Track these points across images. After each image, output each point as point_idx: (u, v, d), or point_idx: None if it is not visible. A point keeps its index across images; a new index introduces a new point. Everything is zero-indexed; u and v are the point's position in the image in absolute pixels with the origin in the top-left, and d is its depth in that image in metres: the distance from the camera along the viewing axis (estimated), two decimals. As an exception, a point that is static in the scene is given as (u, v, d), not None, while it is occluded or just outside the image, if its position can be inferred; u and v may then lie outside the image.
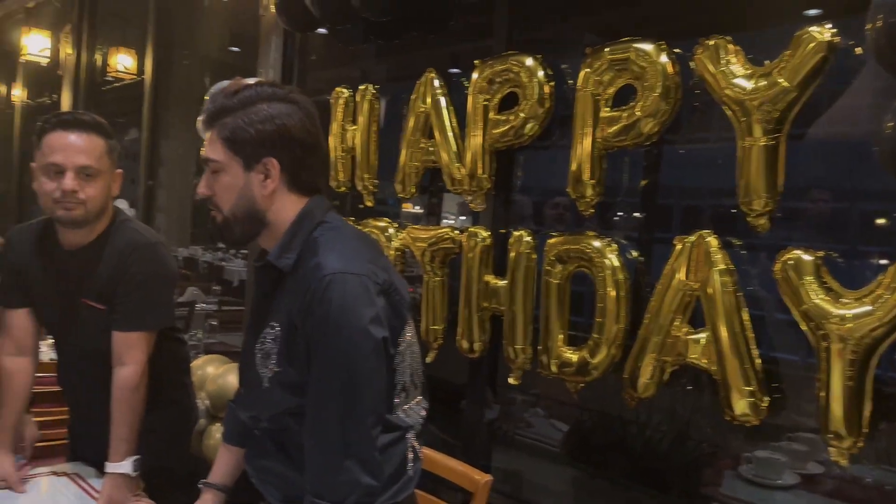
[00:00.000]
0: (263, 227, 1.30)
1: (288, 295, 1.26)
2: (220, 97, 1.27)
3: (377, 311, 1.21)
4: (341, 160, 2.44)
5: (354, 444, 1.20)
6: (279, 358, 1.27)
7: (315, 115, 1.26)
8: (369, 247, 1.34)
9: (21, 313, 1.90)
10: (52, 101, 4.86)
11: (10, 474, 1.84)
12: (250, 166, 1.24)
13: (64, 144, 1.72)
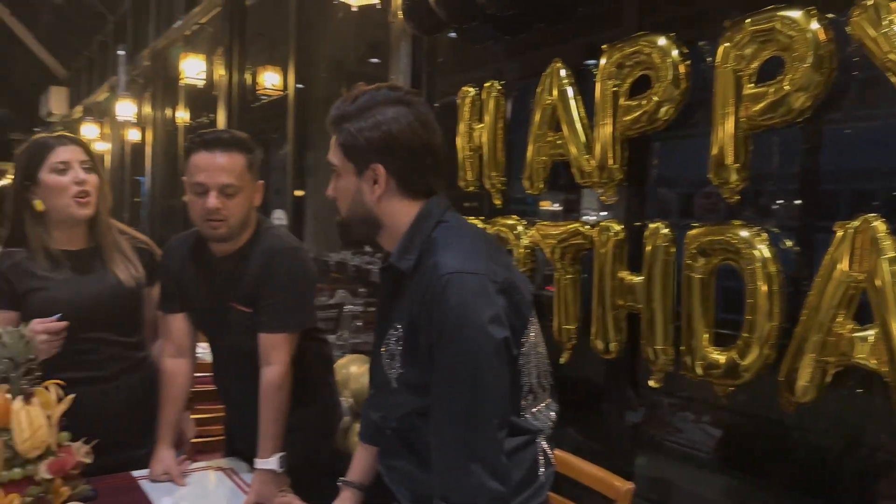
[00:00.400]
0: (380, 230, 1.31)
1: (409, 296, 1.25)
2: (342, 103, 1.30)
3: (497, 311, 1.18)
4: (469, 160, 2.42)
5: (479, 447, 1.17)
6: (403, 359, 1.27)
7: (428, 118, 1.26)
8: (489, 244, 1.31)
9: (179, 318, 2.02)
10: (209, 121, 5.24)
11: (171, 468, 1.96)
12: (361, 172, 1.27)
13: (207, 164, 1.80)
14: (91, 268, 1.97)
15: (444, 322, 1.17)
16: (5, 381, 1.37)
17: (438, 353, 1.19)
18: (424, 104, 1.28)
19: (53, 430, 1.41)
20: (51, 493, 1.38)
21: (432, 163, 1.28)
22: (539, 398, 1.31)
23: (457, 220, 1.31)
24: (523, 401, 1.27)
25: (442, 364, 1.19)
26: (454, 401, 1.18)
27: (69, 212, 1.90)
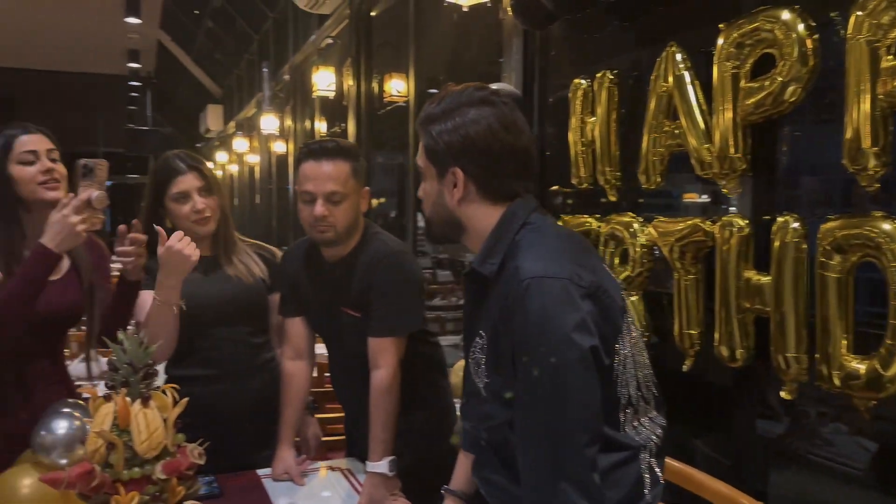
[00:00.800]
0: (463, 233, 1.28)
1: (492, 302, 1.20)
2: (429, 105, 1.28)
3: (582, 317, 1.10)
4: (582, 155, 2.31)
5: (568, 464, 1.09)
6: (487, 368, 1.22)
7: (512, 119, 1.21)
8: (575, 246, 1.24)
9: (297, 321, 2.09)
10: (340, 130, 5.43)
11: (291, 468, 2.02)
12: (441, 175, 1.25)
13: (314, 173, 1.85)
14: (217, 272, 2.08)
15: (525, 330, 1.11)
16: (125, 384, 1.45)
17: (520, 363, 1.12)
18: (510, 104, 1.23)
19: (170, 432, 1.48)
20: (166, 492, 1.45)
21: (515, 166, 1.23)
22: (640, 411, 1.21)
23: (543, 221, 1.24)
24: (621, 414, 1.18)
25: (524, 375, 1.12)
26: (537, 415, 1.11)
27: (192, 232, 2.02)
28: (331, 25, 5.23)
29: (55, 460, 1.61)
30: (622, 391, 1.17)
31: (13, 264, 1.78)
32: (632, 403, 1.19)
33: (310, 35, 5.86)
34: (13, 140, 1.82)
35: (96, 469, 1.40)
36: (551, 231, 1.24)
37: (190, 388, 2.04)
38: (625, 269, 2.10)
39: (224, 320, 2.06)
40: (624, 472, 1.16)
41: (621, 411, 1.18)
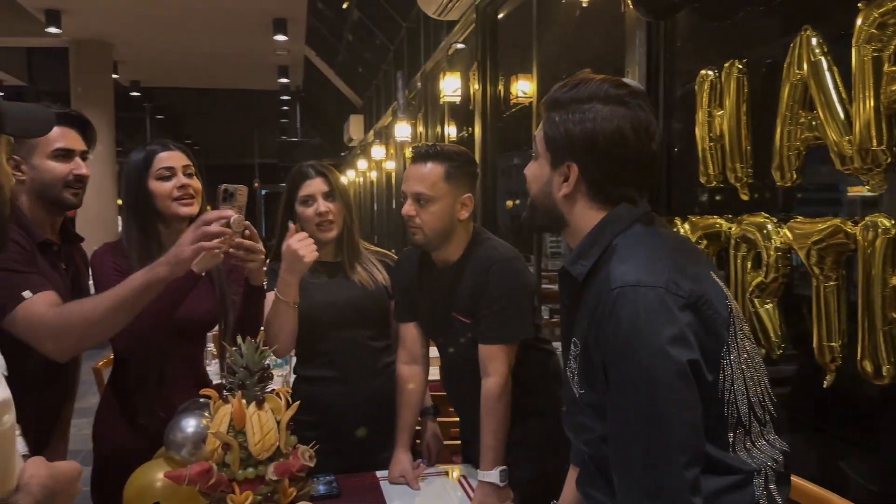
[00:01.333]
0: (563, 226, 1.23)
1: (583, 309, 1.14)
2: (559, 88, 1.22)
3: (680, 329, 1.01)
4: (710, 151, 2.16)
5: (665, 486, 1.01)
6: (580, 379, 1.16)
7: (646, 124, 1.14)
8: (678, 253, 1.14)
9: (411, 326, 2.11)
10: (468, 134, 5.45)
11: (407, 471, 2.04)
12: (555, 165, 1.20)
13: (408, 174, 1.92)
14: (343, 276, 2.15)
15: (616, 343, 1.04)
16: (242, 387, 1.52)
17: (612, 378, 1.05)
18: (646, 108, 1.15)
19: (283, 434, 1.53)
20: (279, 493, 1.50)
21: (637, 173, 1.17)
22: (754, 432, 1.11)
23: (646, 228, 1.16)
24: (730, 434, 1.08)
25: (616, 391, 1.05)
26: (631, 434, 1.04)
27: (315, 237, 2.09)
28: (458, 31, 5.27)
29: (184, 457, 1.71)
30: (730, 409, 1.07)
31: None
32: (742, 423, 1.08)
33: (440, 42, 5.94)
34: (153, 156, 1.92)
35: (214, 468, 1.47)
36: (654, 237, 1.16)
37: (314, 388, 2.14)
38: (757, 275, 1.93)
39: (346, 324, 2.12)
40: (734, 497, 1.06)
41: (730, 431, 1.08)
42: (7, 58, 12.04)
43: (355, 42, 9.36)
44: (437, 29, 6.19)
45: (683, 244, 1.27)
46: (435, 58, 6.08)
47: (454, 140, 5.97)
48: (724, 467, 1.06)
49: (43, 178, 1.80)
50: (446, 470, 2.16)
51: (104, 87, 10.13)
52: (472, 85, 4.75)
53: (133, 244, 1.90)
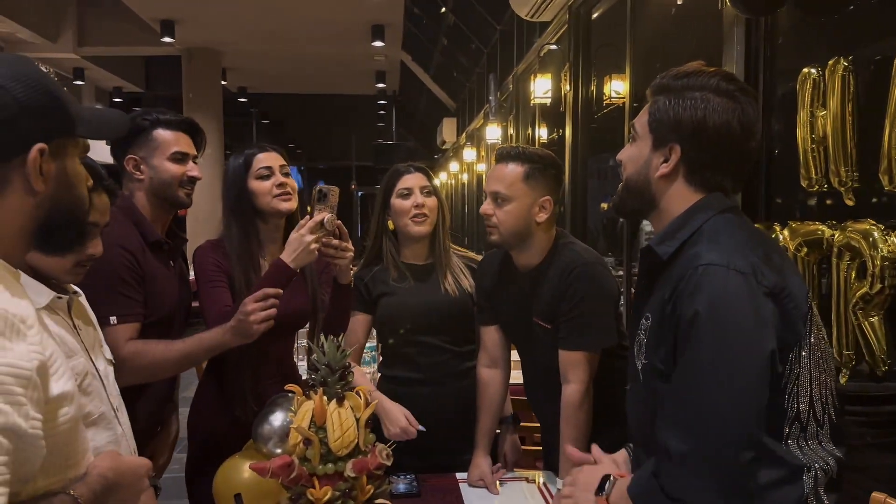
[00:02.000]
0: (653, 210, 1.25)
1: (663, 284, 1.17)
2: (669, 75, 1.25)
3: (764, 316, 1.04)
4: (812, 154, 2.03)
5: (715, 459, 1.03)
6: (647, 349, 1.19)
7: (752, 121, 1.19)
8: (764, 245, 1.17)
9: (492, 329, 2.10)
10: (558, 136, 5.38)
11: (486, 475, 2.04)
12: (657, 146, 1.23)
13: (489, 174, 1.94)
14: (430, 279, 2.16)
15: (697, 317, 1.06)
16: (323, 384, 1.55)
17: (685, 351, 1.08)
18: (753, 106, 1.20)
19: (362, 432, 1.55)
20: (356, 489, 1.52)
21: (736, 167, 1.21)
22: (810, 431, 1.11)
23: (736, 218, 1.19)
24: (786, 427, 1.09)
25: (688, 365, 1.07)
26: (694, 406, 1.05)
27: (408, 230, 2.12)
28: (551, 32, 5.22)
29: (271, 449, 1.77)
30: (791, 403, 1.09)
31: (251, 271, 2.00)
32: (800, 419, 1.10)
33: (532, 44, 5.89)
34: (252, 158, 2.04)
35: (295, 462, 1.51)
36: (741, 226, 1.18)
37: (396, 388, 2.17)
38: (862, 286, 1.81)
39: (430, 329, 2.14)
40: (781, 492, 1.07)
41: (787, 424, 1.09)
42: (126, 66, 12.88)
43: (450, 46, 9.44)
44: (530, 31, 6.15)
45: (766, 236, 1.29)
46: (527, 60, 6.04)
47: (544, 142, 5.90)
48: (776, 459, 1.07)
49: (161, 178, 1.96)
50: (526, 476, 2.13)
51: (213, 92, 10.67)
52: (563, 86, 4.68)
53: (234, 242, 2.01)
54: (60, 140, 1.05)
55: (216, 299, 1.92)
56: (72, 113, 1.06)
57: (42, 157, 1.01)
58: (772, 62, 2.40)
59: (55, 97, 1.04)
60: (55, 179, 1.04)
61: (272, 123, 17.83)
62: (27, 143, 0.99)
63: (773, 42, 2.40)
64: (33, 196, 1.01)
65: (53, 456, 0.99)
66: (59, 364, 1.03)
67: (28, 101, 1.00)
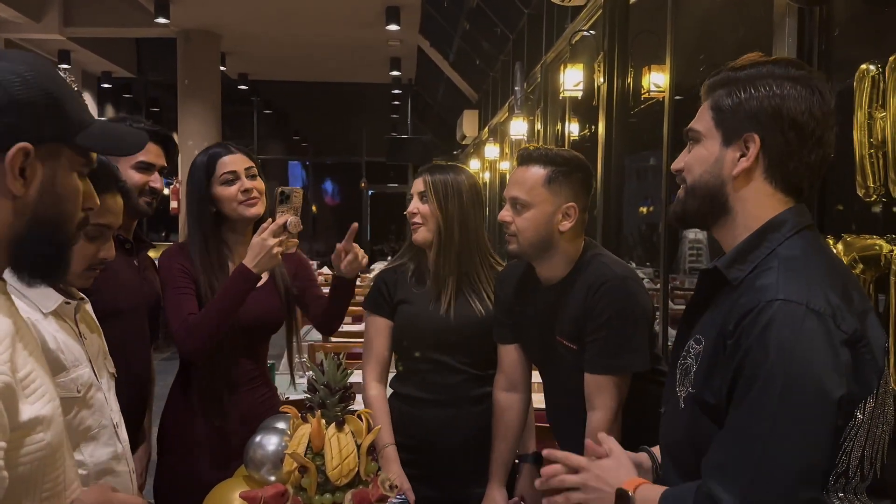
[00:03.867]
0: (722, 216, 1.25)
1: (724, 308, 1.17)
2: (727, 69, 1.27)
3: (837, 364, 1.05)
4: (870, 160, 2.02)
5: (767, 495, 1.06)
6: (696, 378, 1.19)
7: (830, 109, 1.20)
8: (845, 282, 1.17)
9: (511, 349, 2.11)
10: (590, 133, 5.39)
11: (502, 510, 2.05)
12: (730, 141, 1.23)
13: (510, 177, 1.96)
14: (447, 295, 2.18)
15: (761, 363, 1.07)
16: (322, 406, 1.58)
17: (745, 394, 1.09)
18: (830, 92, 1.20)
19: (363, 459, 1.57)
20: (356, 522, 1.54)
21: (817, 159, 1.20)
22: (851, 485, 1.13)
23: (815, 239, 1.21)
24: (831, 479, 1.11)
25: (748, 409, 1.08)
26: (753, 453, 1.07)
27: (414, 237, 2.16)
28: (584, 17, 5.23)
29: (264, 476, 1.80)
30: (843, 458, 1.10)
31: (215, 277, 2.12)
32: (847, 474, 1.11)
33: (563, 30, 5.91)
34: (216, 161, 2.14)
35: (289, 491, 1.54)
36: (822, 254, 1.20)
37: (408, 407, 2.19)
38: (922, 306, 1.80)
39: (446, 348, 2.15)
40: None
41: (832, 477, 1.11)
42: (116, 49, 13.05)
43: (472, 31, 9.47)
44: (561, 15, 6.17)
45: (850, 272, 1.30)
46: (557, 47, 6.05)
47: (576, 139, 5.91)
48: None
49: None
50: (546, 511, 2.14)
51: (211, 79, 10.80)
52: (596, 77, 4.69)
53: (196, 248, 2.13)
54: (53, 146, 1.05)
55: (180, 306, 2.05)
56: (72, 119, 1.06)
57: (26, 159, 1.01)
58: (827, 56, 2.40)
59: (55, 99, 1.05)
60: (40, 188, 1.03)
61: (275, 114, 17.98)
62: (10, 139, 1.00)
63: (829, 34, 2.40)
64: (11, 200, 1.01)
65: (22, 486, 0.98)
66: (39, 384, 1.03)
67: (22, 97, 1.01)
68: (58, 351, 1.46)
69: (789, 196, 1.22)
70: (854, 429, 1.09)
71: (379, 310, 2.19)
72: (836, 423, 1.07)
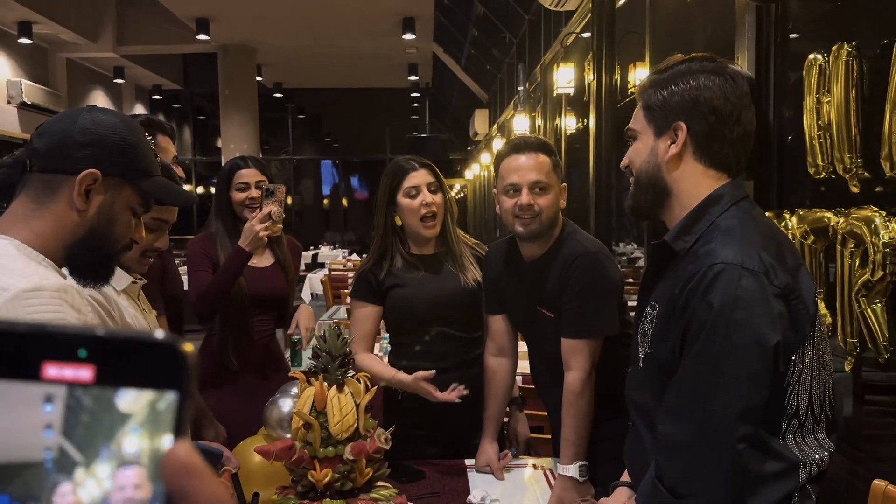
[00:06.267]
0: (666, 198, 1.27)
1: (674, 275, 1.20)
2: (654, 72, 1.30)
3: (771, 315, 1.07)
4: (818, 140, 2.02)
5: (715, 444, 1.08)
6: (652, 339, 1.23)
7: (744, 91, 1.23)
8: (778, 243, 1.19)
9: (499, 319, 2.14)
10: (583, 126, 5.36)
11: (492, 461, 2.08)
12: (661, 132, 1.25)
13: (517, 166, 1.91)
14: (440, 270, 2.21)
15: (707, 314, 1.09)
16: (324, 371, 1.62)
17: (692, 347, 1.11)
18: (742, 77, 1.24)
19: (362, 417, 1.61)
20: (355, 472, 1.58)
21: (739, 136, 1.23)
22: (806, 427, 1.13)
23: (749, 210, 1.22)
24: (784, 422, 1.12)
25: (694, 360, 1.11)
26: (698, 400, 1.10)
27: (419, 231, 2.15)
28: (576, 20, 5.20)
29: (281, 434, 1.85)
30: (790, 401, 1.11)
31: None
32: (798, 416, 1.12)
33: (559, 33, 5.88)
34: (235, 171, 2.49)
35: (296, 445, 1.58)
36: (756, 220, 1.21)
37: (411, 376, 2.22)
38: (864, 272, 1.80)
39: (439, 319, 2.18)
40: (774, 487, 1.10)
41: (785, 420, 1.12)
42: (165, 64, 13.18)
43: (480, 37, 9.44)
44: (556, 20, 6.14)
45: (780, 233, 1.28)
46: (553, 49, 6.02)
47: (572, 132, 5.89)
48: (773, 452, 1.09)
49: None
50: (533, 462, 2.17)
51: (249, 89, 10.87)
52: (586, 75, 4.67)
53: (218, 237, 2.47)
54: (117, 181, 1.20)
55: (198, 279, 2.39)
56: (138, 166, 1.22)
57: (95, 184, 1.16)
58: (783, 49, 2.38)
59: (130, 146, 1.21)
60: (99, 208, 1.19)
61: (308, 118, 18.05)
62: (86, 164, 1.16)
63: (784, 28, 2.38)
64: (76, 212, 1.16)
65: None
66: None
67: (105, 137, 1.18)
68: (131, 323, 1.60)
69: (721, 172, 1.23)
70: (796, 374, 1.11)
71: (368, 298, 2.20)
72: (776, 369, 1.08)
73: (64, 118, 1.21)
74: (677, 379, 1.14)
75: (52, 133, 1.18)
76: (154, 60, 12.53)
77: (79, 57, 10.94)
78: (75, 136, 1.16)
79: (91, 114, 1.20)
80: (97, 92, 12.29)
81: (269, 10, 8.73)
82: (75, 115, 1.20)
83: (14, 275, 1.06)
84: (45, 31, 9.45)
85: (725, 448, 1.07)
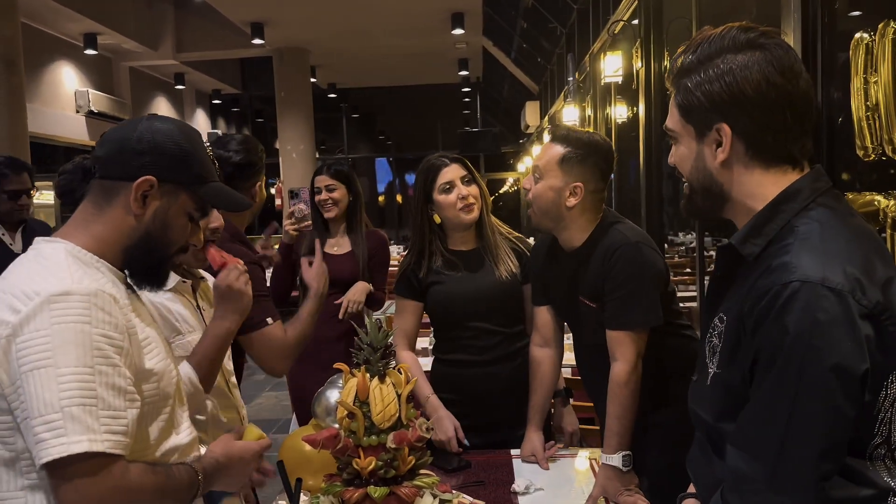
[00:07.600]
0: (725, 203, 1.12)
1: (743, 288, 1.05)
2: (682, 53, 1.12)
3: (857, 339, 0.94)
4: (866, 122, 1.96)
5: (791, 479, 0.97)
6: (720, 358, 1.08)
7: (789, 62, 1.03)
8: (867, 248, 1.02)
9: (544, 310, 2.15)
10: (633, 115, 5.29)
11: (537, 451, 2.10)
12: (702, 134, 1.09)
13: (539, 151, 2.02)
14: (478, 266, 2.24)
15: (780, 344, 0.96)
16: (367, 362, 1.66)
17: (766, 374, 0.98)
18: (784, 46, 1.05)
19: (403, 406, 1.65)
20: (398, 460, 1.62)
21: (794, 120, 1.04)
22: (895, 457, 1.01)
23: (834, 209, 1.04)
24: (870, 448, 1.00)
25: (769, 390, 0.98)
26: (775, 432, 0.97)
27: (460, 220, 2.20)
28: (623, 8, 5.13)
29: (329, 424, 1.91)
30: (881, 429, 0.99)
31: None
32: (889, 443, 1.00)
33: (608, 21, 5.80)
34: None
35: (341, 434, 1.63)
36: (842, 224, 1.03)
37: (451, 371, 2.26)
38: (917, 256, 1.74)
39: (480, 315, 2.21)
40: None
41: (874, 447, 1.00)
42: (223, 69, 13.54)
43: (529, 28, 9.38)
44: (605, 8, 6.06)
45: (873, 238, 1.08)
46: (602, 38, 5.95)
47: (623, 121, 5.81)
48: (861, 478, 0.98)
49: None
50: (579, 453, 2.18)
51: (304, 90, 11.07)
52: (635, 63, 4.60)
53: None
54: (173, 187, 1.25)
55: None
56: (193, 173, 1.26)
57: (151, 190, 1.22)
58: (830, 28, 2.31)
59: (186, 154, 1.25)
60: (154, 213, 1.24)
61: (362, 116, 18.26)
62: (144, 171, 1.21)
63: (831, 7, 2.31)
64: (133, 217, 1.22)
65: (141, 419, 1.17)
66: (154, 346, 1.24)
67: (162, 145, 1.22)
68: (175, 320, 1.72)
69: (785, 165, 1.06)
70: (888, 400, 0.98)
71: (408, 294, 2.25)
72: (862, 398, 0.95)
73: (124, 127, 1.27)
74: (749, 413, 1.01)
75: (112, 141, 1.25)
76: (213, 66, 12.89)
77: (141, 65, 11.35)
78: (133, 144, 1.22)
79: (149, 122, 1.26)
80: (159, 98, 12.72)
81: (321, 13, 8.88)
82: (135, 123, 1.25)
83: (50, 279, 1.11)
84: (109, 42, 9.84)
85: (807, 490, 0.96)
